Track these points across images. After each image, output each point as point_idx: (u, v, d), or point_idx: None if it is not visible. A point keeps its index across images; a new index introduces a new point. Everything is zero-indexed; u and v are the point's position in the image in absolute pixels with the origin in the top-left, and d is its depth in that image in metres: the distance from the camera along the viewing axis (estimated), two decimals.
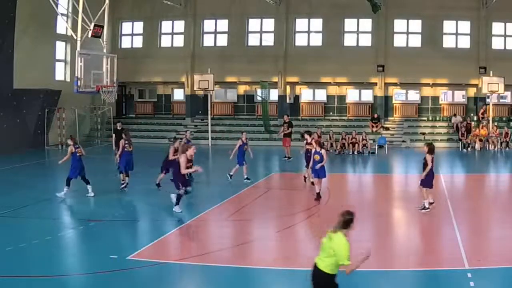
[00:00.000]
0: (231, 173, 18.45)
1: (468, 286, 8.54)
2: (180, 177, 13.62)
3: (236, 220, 13.66)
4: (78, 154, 15.51)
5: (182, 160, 13.51)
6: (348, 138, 28.37)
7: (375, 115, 32.40)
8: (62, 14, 27.60)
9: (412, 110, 33.95)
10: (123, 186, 16.72)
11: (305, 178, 18.25)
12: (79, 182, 15.75)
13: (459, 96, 34.03)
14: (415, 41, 32.78)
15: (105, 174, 20.93)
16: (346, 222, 6.73)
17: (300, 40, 34.21)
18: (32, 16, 28.18)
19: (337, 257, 6.54)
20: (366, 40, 33.36)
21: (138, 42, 36.06)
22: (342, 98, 34.83)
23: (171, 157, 15.74)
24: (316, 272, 6.68)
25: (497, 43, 31.86)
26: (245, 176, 18.44)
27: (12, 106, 27.70)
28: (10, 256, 10.28)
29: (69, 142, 15.87)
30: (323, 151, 15.33)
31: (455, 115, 31.91)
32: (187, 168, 13.67)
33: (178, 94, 36.95)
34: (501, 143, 28.87)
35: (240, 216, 13.98)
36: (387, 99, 33.65)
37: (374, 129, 31.61)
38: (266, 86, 32.53)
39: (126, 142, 16.94)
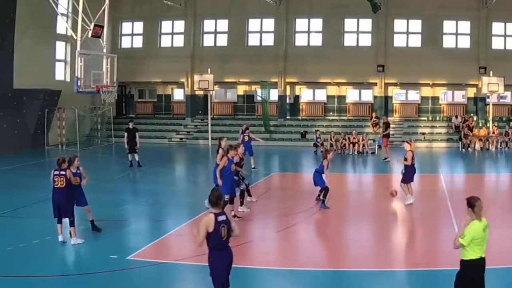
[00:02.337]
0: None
1: None
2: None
3: (236, 220, 13.63)
4: None
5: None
6: (348, 138, 28.38)
7: (374, 114, 32.37)
8: (62, 14, 27.65)
9: (412, 110, 33.96)
10: None
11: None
12: None
13: (459, 96, 34.03)
14: (415, 41, 32.79)
15: (106, 173, 20.95)
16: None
17: (300, 40, 34.22)
18: (32, 16, 28.18)
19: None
20: (366, 40, 33.36)
21: (138, 42, 36.07)
22: (342, 98, 34.83)
23: None
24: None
25: (497, 43, 31.87)
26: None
27: (12, 106, 27.70)
28: (10, 256, 10.28)
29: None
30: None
31: (456, 116, 31.90)
32: None
33: (178, 94, 36.96)
34: (501, 143, 28.88)
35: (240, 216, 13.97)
36: (387, 99, 33.65)
37: (375, 129, 31.59)
38: (266, 86, 32.54)
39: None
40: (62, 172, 11.27)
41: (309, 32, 34.12)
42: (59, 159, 11.52)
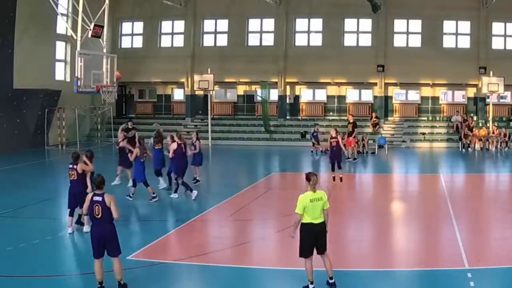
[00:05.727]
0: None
1: (468, 286, 8.54)
2: None
3: (236, 220, 13.66)
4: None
5: None
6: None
7: (374, 114, 32.42)
8: (62, 14, 27.62)
9: (412, 110, 33.96)
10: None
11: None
12: None
13: (459, 96, 34.03)
14: (415, 41, 32.78)
15: (106, 173, 20.92)
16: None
17: (300, 40, 34.21)
18: (32, 16, 28.18)
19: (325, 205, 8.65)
20: (366, 40, 33.36)
21: (138, 42, 36.07)
22: (342, 98, 34.83)
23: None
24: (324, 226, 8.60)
25: (497, 43, 31.87)
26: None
27: (12, 106, 27.69)
28: (10, 256, 10.28)
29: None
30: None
31: (457, 112, 31.94)
32: None
33: (178, 94, 36.96)
34: (501, 143, 28.88)
35: (240, 216, 13.98)
36: (387, 99, 33.65)
37: (375, 129, 31.62)
38: (266, 86, 32.54)
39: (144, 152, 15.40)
40: (74, 166, 12.00)
41: (309, 32, 34.11)
42: (73, 153, 12.36)
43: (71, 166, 12.05)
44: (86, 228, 11.71)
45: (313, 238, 8.44)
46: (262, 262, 10.25)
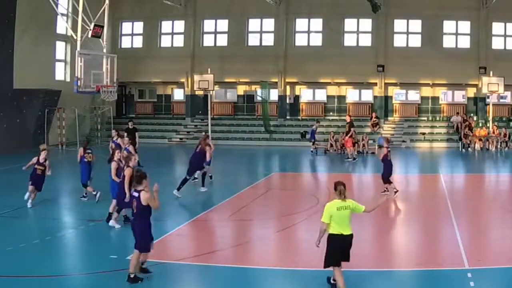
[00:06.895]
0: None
1: (468, 286, 8.54)
2: None
3: (236, 220, 13.65)
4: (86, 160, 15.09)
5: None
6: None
7: (374, 114, 32.42)
8: (62, 14, 27.65)
9: (412, 110, 33.96)
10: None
11: None
12: (78, 182, 15.72)
13: (459, 96, 34.06)
14: (415, 41, 32.80)
15: (105, 174, 20.92)
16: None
17: (300, 40, 34.23)
18: (32, 16, 28.19)
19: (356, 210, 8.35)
20: (366, 40, 33.38)
21: (138, 42, 36.10)
22: (342, 98, 34.84)
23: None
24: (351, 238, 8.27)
25: (497, 43, 31.89)
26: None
27: (12, 106, 27.68)
28: (10, 256, 10.27)
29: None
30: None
31: (457, 113, 31.94)
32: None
33: (178, 94, 36.99)
34: (501, 143, 28.87)
35: (240, 216, 13.97)
36: (387, 99, 33.65)
37: (375, 129, 31.62)
38: (266, 86, 32.55)
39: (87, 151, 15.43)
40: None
41: (309, 32, 34.13)
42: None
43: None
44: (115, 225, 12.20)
45: (341, 250, 8.19)
46: (262, 262, 10.25)
